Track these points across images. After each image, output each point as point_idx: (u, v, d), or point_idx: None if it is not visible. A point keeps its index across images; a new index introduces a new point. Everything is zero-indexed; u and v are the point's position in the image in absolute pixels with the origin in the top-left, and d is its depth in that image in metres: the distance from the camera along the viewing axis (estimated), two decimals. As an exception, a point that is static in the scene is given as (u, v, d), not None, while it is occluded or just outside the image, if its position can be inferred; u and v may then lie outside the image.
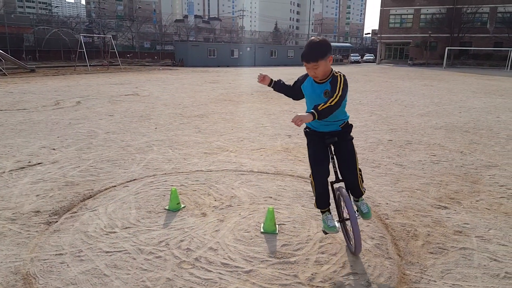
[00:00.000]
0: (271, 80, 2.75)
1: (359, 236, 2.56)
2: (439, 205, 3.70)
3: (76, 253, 2.72)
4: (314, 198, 2.75)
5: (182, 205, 3.56)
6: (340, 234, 2.95)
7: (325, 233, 2.79)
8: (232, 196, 3.83)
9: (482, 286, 2.43)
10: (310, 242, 2.93)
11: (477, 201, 3.84)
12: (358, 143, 6.20)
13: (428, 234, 3.10)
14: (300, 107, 10.18)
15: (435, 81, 20.48)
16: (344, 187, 2.72)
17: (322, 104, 2.37)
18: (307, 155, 2.76)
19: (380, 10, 53.17)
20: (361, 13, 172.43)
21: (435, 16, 48.20)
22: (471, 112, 9.78)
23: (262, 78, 2.73)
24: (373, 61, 56.57)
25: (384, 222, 3.33)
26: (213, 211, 3.48)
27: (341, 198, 2.70)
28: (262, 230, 3.09)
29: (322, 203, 2.72)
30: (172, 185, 4.06)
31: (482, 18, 46.32)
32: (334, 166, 2.69)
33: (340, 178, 2.70)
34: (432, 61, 46.15)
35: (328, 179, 2.68)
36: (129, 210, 3.46)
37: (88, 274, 2.47)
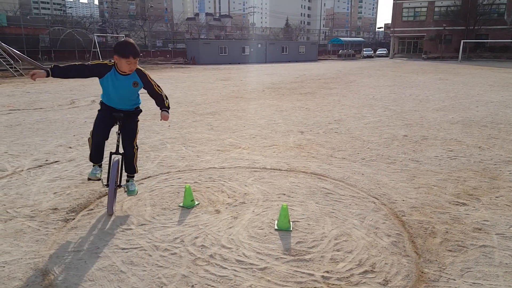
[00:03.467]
0: (47, 71, 2.99)
1: (111, 200, 3.24)
2: (457, 202, 3.62)
3: (93, 250, 2.76)
4: (90, 154, 3.31)
5: (196, 202, 3.58)
6: (355, 232, 2.91)
7: (89, 179, 3.42)
8: (245, 193, 3.82)
9: (503, 285, 2.37)
10: (325, 240, 2.91)
11: (496, 197, 3.74)
12: (372, 139, 6.12)
13: (447, 232, 3.04)
14: (313, 104, 10.10)
15: (450, 75, 20.06)
16: (120, 160, 3.31)
17: (162, 104, 3.24)
18: (320, 152, 2.75)
19: (393, 3, 52.24)
20: (373, 7, 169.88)
21: (449, 8, 47.11)
22: (488, 106, 9.54)
23: (32, 76, 2.95)
24: (386, 56, 55.69)
25: (400, 219, 3.27)
26: (226, 208, 3.48)
27: (111, 166, 3.23)
28: (276, 227, 3.08)
29: (94, 159, 3.33)
30: (186, 182, 4.08)
31: (499, 9, 45.06)
32: (117, 141, 3.31)
33: (120, 152, 3.31)
34: (447, 54, 45.17)
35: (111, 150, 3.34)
36: (144, 207, 3.49)
37: (105, 271, 2.50)
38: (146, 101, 3.91)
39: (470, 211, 3.42)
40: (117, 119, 3.25)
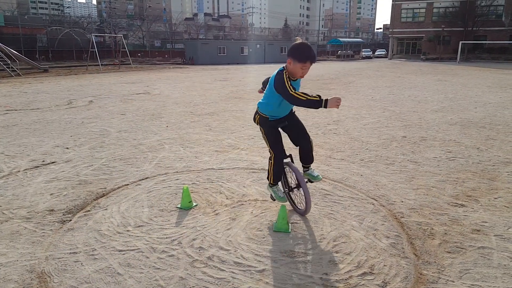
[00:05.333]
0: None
1: (309, 198, 3.10)
2: (456, 203, 3.61)
3: (90, 252, 2.74)
4: (271, 177, 3.18)
5: (194, 204, 3.56)
6: (353, 233, 2.91)
7: (274, 200, 3.35)
8: (243, 194, 3.81)
9: (502, 287, 2.36)
10: (324, 241, 2.89)
11: (495, 198, 3.73)
12: (371, 140, 6.12)
13: (445, 233, 3.03)
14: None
15: (449, 76, 20.10)
16: (291, 161, 3.23)
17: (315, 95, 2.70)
18: (318, 153, 2.76)
19: (392, 4, 52.35)
20: (372, 8, 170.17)
21: (448, 10, 47.25)
22: (487, 107, 9.55)
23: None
24: (385, 56, 55.82)
25: (399, 220, 3.26)
26: (225, 209, 3.46)
27: (291, 170, 3.20)
28: (274, 229, 3.06)
29: (278, 179, 3.23)
30: (184, 184, 4.06)
31: (497, 10, 45.21)
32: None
33: (288, 155, 3.19)
34: (446, 55, 45.28)
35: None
36: (141, 209, 3.47)
37: (101, 273, 2.48)
38: (144, 102, 3.89)
39: (469, 213, 3.41)
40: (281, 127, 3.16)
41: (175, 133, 6.68)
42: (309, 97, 2.62)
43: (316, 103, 2.60)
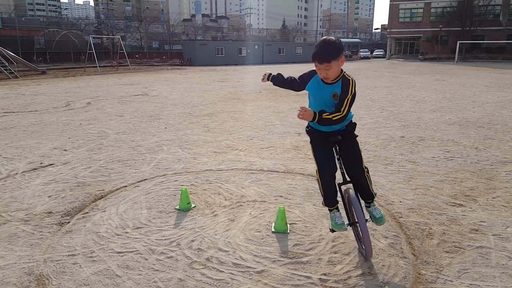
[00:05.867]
0: (270, 74, 2.74)
1: (368, 240, 2.52)
2: (454, 203, 3.62)
3: (88, 254, 2.73)
4: (322, 197, 2.70)
5: (193, 205, 3.55)
6: (351, 233, 2.91)
7: (333, 231, 2.71)
8: (242, 195, 3.80)
9: (500, 286, 2.37)
10: (323, 242, 2.89)
11: (493, 198, 3.74)
12: (369, 140, 6.12)
13: (444, 233, 3.03)
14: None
15: (447, 76, 20.15)
16: (353, 189, 2.68)
17: (327, 113, 2.39)
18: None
19: (390, 4, 52.44)
20: (370, 8, 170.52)
21: (446, 10, 47.36)
22: (485, 106, 9.58)
23: (264, 78, 2.76)
24: (383, 57, 55.90)
25: (397, 220, 3.26)
26: (223, 210, 3.46)
27: (350, 201, 2.63)
28: (273, 230, 3.06)
29: (329, 201, 2.68)
30: (182, 185, 4.05)
31: (494, 10, 45.34)
32: (340, 167, 2.63)
33: (348, 179, 2.65)
34: (444, 55, 45.37)
35: (336, 181, 2.65)
36: (140, 210, 3.46)
37: (100, 275, 2.48)
38: (142, 103, 3.88)
39: (467, 212, 3.41)
40: (334, 143, 2.59)
41: (173, 134, 6.68)
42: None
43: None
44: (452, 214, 3.37)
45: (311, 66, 2.48)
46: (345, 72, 2.46)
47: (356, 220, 2.60)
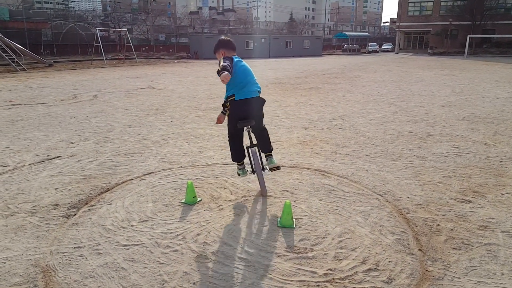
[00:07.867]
0: (224, 109, 3.48)
1: (263, 182, 3.60)
2: (462, 199, 3.57)
3: (94, 246, 2.74)
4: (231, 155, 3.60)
5: (198, 199, 3.55)
6: (358, 229, 2.88)
7: (239, 175, 3.74)
8: (248, 190, 3.79)
9: (509, 284, 2.33)
10: (329, 237, 2.87)
11: (502, 194, 3.69)
12: (377, 135, 6.06)
13: (451, 229, 2.99)
14: (317, 99, 10.03)
15: (456, 71, 19.87)
16: (256, 149, 3.51)
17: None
18: (324, 148, 2.71)
19: (399, -3, 51.71)
20: (378, 1, 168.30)
21: (456, 3, 46.55)
22: (494, 102, 9.43)
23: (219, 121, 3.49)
24: (392, 51, 55.26)
25: (405, 216, 3.23)
26: (229, 204, 3.45)
27: (252, 156, 3.51)
28: (279, 224, 3.05)
29: (236, 158, 3.66)
30: (188, 179, 4.05)
31: (506, 4, 44.49)
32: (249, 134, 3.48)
33: (254, 143, 3.53)
34: (453, 50, 44.71)
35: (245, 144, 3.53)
36: (146, 204, 3.47)
37: (106, 267, 2.49)
38: (149, 96, 3.87)
39: (476, 209, 3.37)
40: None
41: (179, 128, 6.67)
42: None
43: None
44: (460, 211, 3.33)
45: (319, 60, 2.46)
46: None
47: (255, 169, 3.54)
